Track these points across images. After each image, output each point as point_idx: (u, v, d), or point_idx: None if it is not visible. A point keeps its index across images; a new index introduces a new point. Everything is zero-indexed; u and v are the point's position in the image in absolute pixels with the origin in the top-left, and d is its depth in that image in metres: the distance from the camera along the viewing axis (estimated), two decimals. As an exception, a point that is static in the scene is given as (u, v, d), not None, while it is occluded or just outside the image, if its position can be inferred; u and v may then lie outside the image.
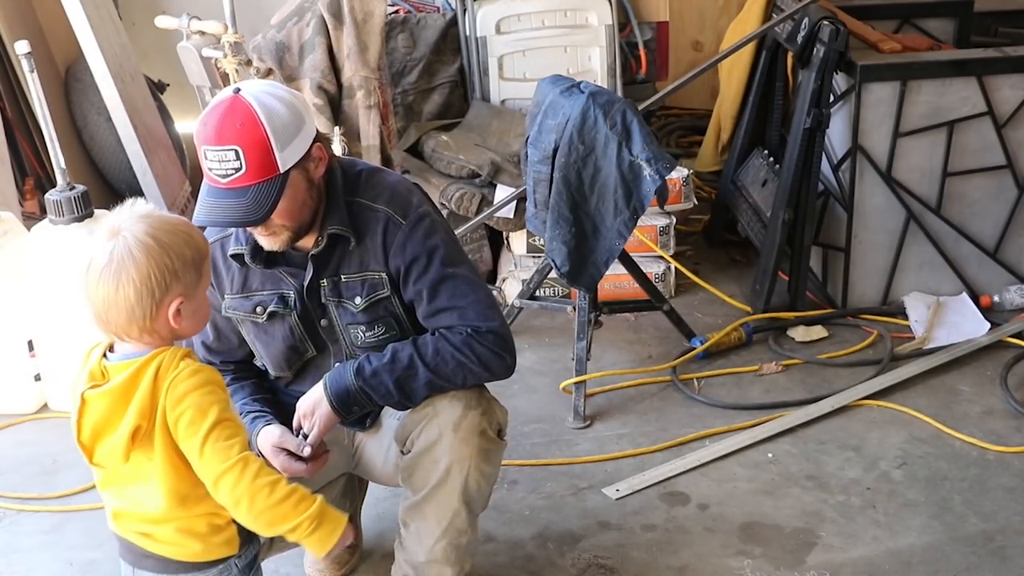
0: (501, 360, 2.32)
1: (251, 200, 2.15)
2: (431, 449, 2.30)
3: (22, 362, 3.50)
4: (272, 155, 2.15)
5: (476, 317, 2.29)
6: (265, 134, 2.14)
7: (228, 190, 2.15)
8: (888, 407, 3.39)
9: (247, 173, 2.13)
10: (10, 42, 4.34)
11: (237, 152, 2.12)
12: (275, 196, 2.17)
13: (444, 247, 2.32)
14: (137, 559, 2.01)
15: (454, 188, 4.00)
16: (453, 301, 2.30)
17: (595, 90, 3.28)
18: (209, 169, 2.15)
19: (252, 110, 2.14)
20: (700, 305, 4.07)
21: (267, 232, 2.24)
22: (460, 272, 2.32)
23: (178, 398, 1.84)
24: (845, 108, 3.80)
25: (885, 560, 2.77)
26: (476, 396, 2.34)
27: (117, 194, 4.72)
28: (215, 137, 2.13)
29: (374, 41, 3.92)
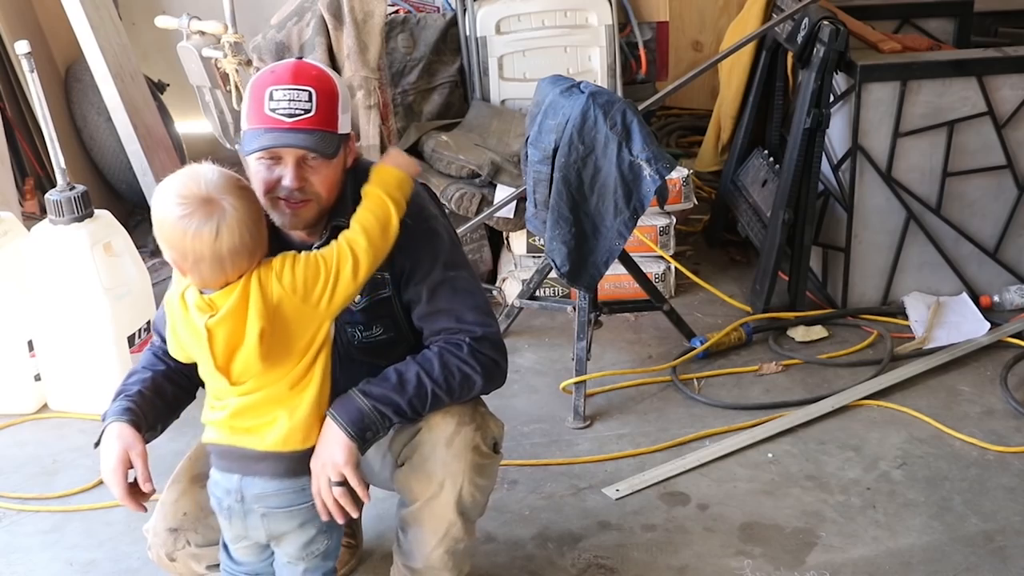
0: (498, 368, 2.29)
1: (318, 138, 2.11)
2: (424, 463, 2.29)
3: (22, 362, 3.50)
4: (337, 111, 2.14)
5: (473, 321, 2.27)
6: (336, 90, 2.15)
7: (292, 129, 2.10)
8: (888, 407, 3.39)
9: (315, 116, 2.11)
10: (10, 42, 4.34)
11: (311, 94, 2.10)
12: (336, 146, 2.15)
13: (448, 250, 2.31)
14: (248, 466, 2.14)
15: (454, 188, 4.00)
16: (451, 303, 2.28)
17: (595, 90, 3.28)
18: (273, 110, 2.10)
19: (322, 68, 2.17)
20: (700, 305, 4.07)
21: (301, 198, 2.16)
22: (461, 275, 2.31)
23: (291, 279, 2.09)
24: (845, 108, 3.80)
25: (885, 560, 2.77)
26: (470, 412, 2.32)
27: (117, 194, 4.72)
28: (290, 76, 2.11)
29: (374, 41, 3.92)
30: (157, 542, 2.35)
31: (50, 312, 3.40)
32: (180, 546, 2.33)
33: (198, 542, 2.33)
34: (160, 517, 2.36)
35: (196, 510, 2.33)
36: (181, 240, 2.03)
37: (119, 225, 3.52)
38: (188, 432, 3.34)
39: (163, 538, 2.34)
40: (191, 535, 2.33)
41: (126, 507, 2.21)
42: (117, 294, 3.40)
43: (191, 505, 2.34)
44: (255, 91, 2.15)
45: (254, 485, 2.16)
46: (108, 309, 3.38)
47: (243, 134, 2.17)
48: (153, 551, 2.36)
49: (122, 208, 4.61)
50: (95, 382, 3.45)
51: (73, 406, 3.50)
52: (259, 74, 2.17)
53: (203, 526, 2.33)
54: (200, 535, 2.33)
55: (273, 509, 2.18)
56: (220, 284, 2.07)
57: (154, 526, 2.36)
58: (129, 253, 3.52)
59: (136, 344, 3.47)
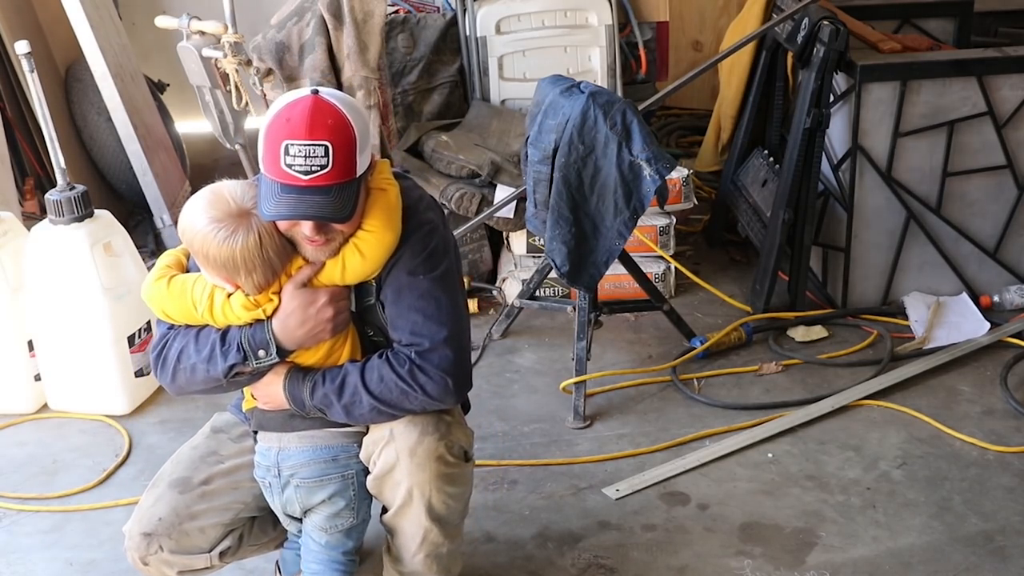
0: (444, 385, 2.24)
1: (334, 198, 2.09)
2: (391, 472, 2.29)
3: (22, 362, 3.50)
4: (355, 158, 2.11)
5: (425, 332, 2.23)
6: (353, 135, 2.11)
7: (309, 187, 2.08)
8: (888, 407, 3.39)
9: (332, 171, 2.08)
10: (10, 42, 4.34)
11: (327, 148, 2.07)
12: (353, 199, 2.13)
13: (426, 256, 2.25)
14: (287, 423, 2.33)
15: (454, 188, 4.00)
16: (409, 310, 2.24)
17: (595, 90, 3.28)
18: (288, 165, 2.07)
19: (339, 110, 2.11)
20: (700, 305, 4.07)
21: (326, 239, 2.17)
22: (429, 280, 2.25)
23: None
24: (845, 108, 3.80)
25: (885, 560, 2.77)
26: (434, 421, 2.29)
27: (117, 194, 4.72)
28: (306, 131, 2.06)
29: (374, 41, 3.92)
30: (131, 545, 2.33)
31: (50, 312, 3.40)
32: (153, 551, 2.31)
33: (171, 548, 2.31)
34: (136, 520, 2.34)
35: (172, 516, 2.32)
36: (231, 257, 2.13)
37: (119, 225, 3.52)
38: (188, 432, 3.34)
39: (136, 542, 2.32)
40: (164, 540, 2.30)
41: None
42: (117, 294, 3.40)
43: (166, 510, 2.32)
44: (270, 140, 2.10)
45: (289, 457, 2.32)
46: (108, 309, 3.38)
47: (260, 179, 2.15)
48: (128, 554, 2.35)
49: (122, 208, 4.60)
50: (95, 382, 3.45)
51: (73, 406, 3.50)
52: (275, 117, 2.11)
53: (177, 532, 2.31)
54: (174, 541, 2.31)
55: (306, 480, 2.32)
56: (269, 286, 2.20)
57: (130, 529, 2.34)
58: (129, 253, 3.52)
59: (136, 344, 3.47)
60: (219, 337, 2.23)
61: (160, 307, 2.29)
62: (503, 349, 3.83)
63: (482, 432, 3.34)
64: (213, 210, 2.15)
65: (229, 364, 2.22)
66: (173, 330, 2.30)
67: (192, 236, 2.16)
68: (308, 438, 2.33)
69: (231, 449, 2.45)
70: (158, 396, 3.56)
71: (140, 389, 3.52)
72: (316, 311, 2.21)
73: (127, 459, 3.28)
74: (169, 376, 2.31)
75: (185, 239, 2.19)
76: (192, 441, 2.50)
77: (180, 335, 2.29)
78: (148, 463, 3.24)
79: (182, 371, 2.28)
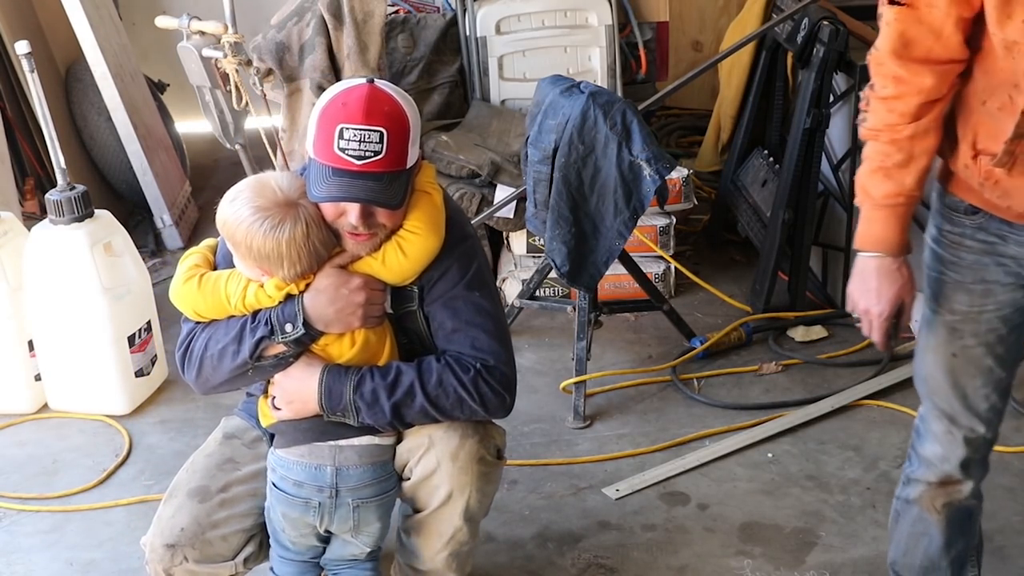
0: (502, 401, 2.25)
1: (386, 185, 2.08)
2: (430, 477, 2.28)
3: (22, 362, 3.50)
4: (407, 148, 2.10)
5: (488, 350, 2.23)
6: (408, 124, 2.10)
7: (362, 172, 2.06)
8: (888, 407, 3.39)
9: (385, 158, 2.07)
10: (10, 42, 4.34)
11: (382, 135, 2.06)
12: (403, 190, 2.12)
13: (475, 271, 2.26)
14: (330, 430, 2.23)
15: (454, 188, 4.00)
16: (470, 326, 2.24)
17: (595, 90, 3.29)
18: (342, 149, 2.05)
19: (395, 99, 2.10)
20: (700, 305, 4.07)
21: (369, 232, 2.15)
22: (484, 297, 2.26)
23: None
24: (845, 108, 3.80)
25: (885, 560, 2.76)
26: (472, 423, 2.28)
27: (117, 194, 4.73)
28: (363, 115, 2.05)
29: (374, 41, 3.92)
30: (154, 557, 2.29)
31: (50, 312, 3.40)
32: (177, 562, 2.28)
33: (195, 558, 2.28)
34: (157, 532, 2.31)
35: (194, 526, 2.28)
36: (276, 248, 2.08)
37: (119, 225, 3.52)
38: (188, 432, 3.36)
39: (160, 554, 2.28)
40: (188, 551, 2.27)
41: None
42: (117, 294, 3.40)
43: (188, 520, 2.29)
44: (325, 122, 2.08)
45: (351, 477, 2.23)
46: (108, 309, 3.38)
47: (310, 162, 2.13)
48: (150, 566, 2.31)
49: (122, 208, 4.61)
50: (95, 382, 3.45)
51: (73, 406, 3.50)
52: (330, 101, 2.10)
53: (200, 542, 2.28)
54: (198, 551, 2.28)
55: (366, 500, 2.26)
56: (308, 277, 2.16)
57: (151, 541, 2.31)
58: (129, 253, 3.52)
59: (136, 344, 3.47)
60: (249, 317, 2.19)
61: (192, 306, 2.24)
62: (503, 349, 3.82)
63: (482, 432, 3.34)
64: (260, 199, 2.10)
65: (257, 339, 2.16)
66: (200, 326, 2.27)
67: (236, 226, 2.10)
68: (367, 454, 2.26)
69: (246, 455, 2.41)
70: (158, 396, 3.57)
71: (140, 389, 3.52)
72: (348, 292, 2.16)
73: (127, 459, 3.28)
74: (195, 368, 2.26)
75: (226, 230, 2.13)
76: (205, 448, 2.45)
77: (207, 328, 2.25)
78: (148, 463, 3.24)
79: (208, 359, 2.23)
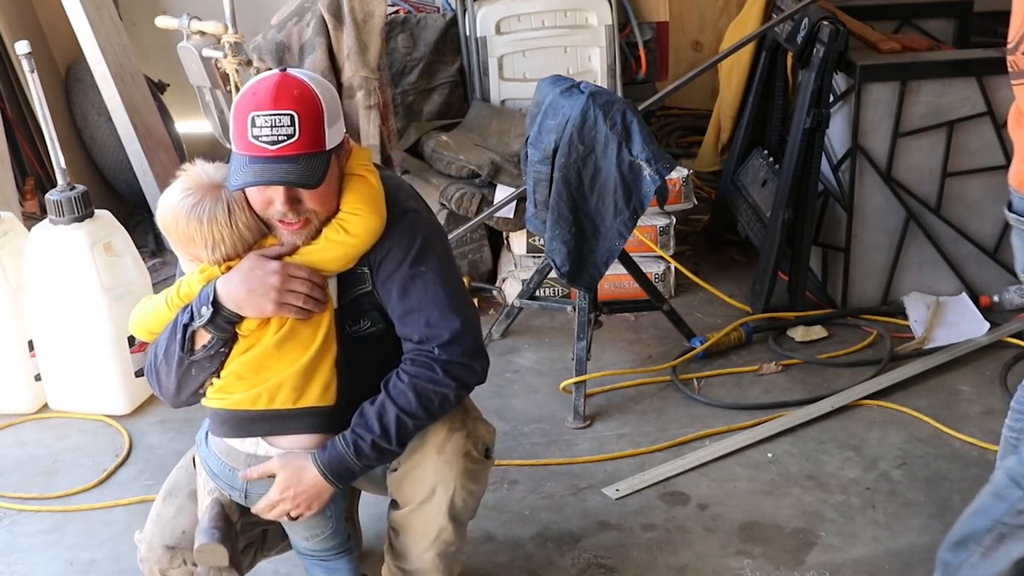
0: (472, 372, 2.26)
1: (303, 167, 2.09)
2: (416, 469, 2.28)
3: (22, 362, 3.50)
4: (323, 128, 2.11)
5: (443, 324, 2.22)
6: (320, 105, 2.11)
7: (277, 157, 2.08)
8: (888, 407, 3.39)
9: (299, 141, 2.08)
10: (10, 42, 4.34)
11: (292, 118, 2.08)
12: (323, 169, 2.12)
13: (420, 244, 2.24)
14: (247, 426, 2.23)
15: (454, 188, 4.00)
16: (421, 303, 2.23)
17: (595, 90, 3.29)
18: (255, 137, 2.09)
19: (305, 83, 2.13)
20: (700, 305, 4.07)
21: (300, 219, 2.16)
22: (431, 269, 2.25)
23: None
24: (845, 108, 3.80)
25: (885, 560, 2.77)
26: (460, 418, 2.29)
27: (117, 194, 4.72)
28: (271, 101, 2.08)
29: (374, 41, 3.92)
30: (151, 557, 2.28)
31: (50, 312, 3.40)
32: (176, 564, 2.27)
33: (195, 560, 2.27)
34: (156, 532, 2.30)
35: (195, 528, 2.27)
36: (198, 227, 2.12)
37: (119, 225, 3.52)
38: (188, 432, 3.35)
39: (158, 554, 2.27)
40: (188, 554, 2.25)
41: None
42: (117, 294, 3.40)
43: (190, 523, 2.28)
44: (238, 115, 2.13)
45: (260, 486, 2.23)
46: (108, 309, 3.38)
47: (231, 157, 2.16)
48: (145, 565, 2.30)
49: (122, 208, 4.60)
50: (95, 382, 3.45)
51: (73, 406, 3.50)
52: (242, 96, 2.15)
53: None
54: None
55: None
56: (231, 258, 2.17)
57: (149, 539, 2.30)
58: (129, 253, 3.52)
59: (136, 344, 3.47)
60: (181, 311, 2.21)
61: (144, 326, 2.28)
62: (503, 349, 3.83)
63: (482, 432, 3.34)
64: (187, 183, 2.18)
65: (182, 327, 2.17)
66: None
67: (164, 211, 2.16)
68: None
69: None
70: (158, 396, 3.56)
71: (140, 389, 3.51)
72: (263, 273, 2.14)
73: (127, 459, 3.28)
74: (155, 379, 2.28)
75: (160, 218, 2.19)
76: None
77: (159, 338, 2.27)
78: (148, 463, 3.24)
79: (161, 366, 2.24)
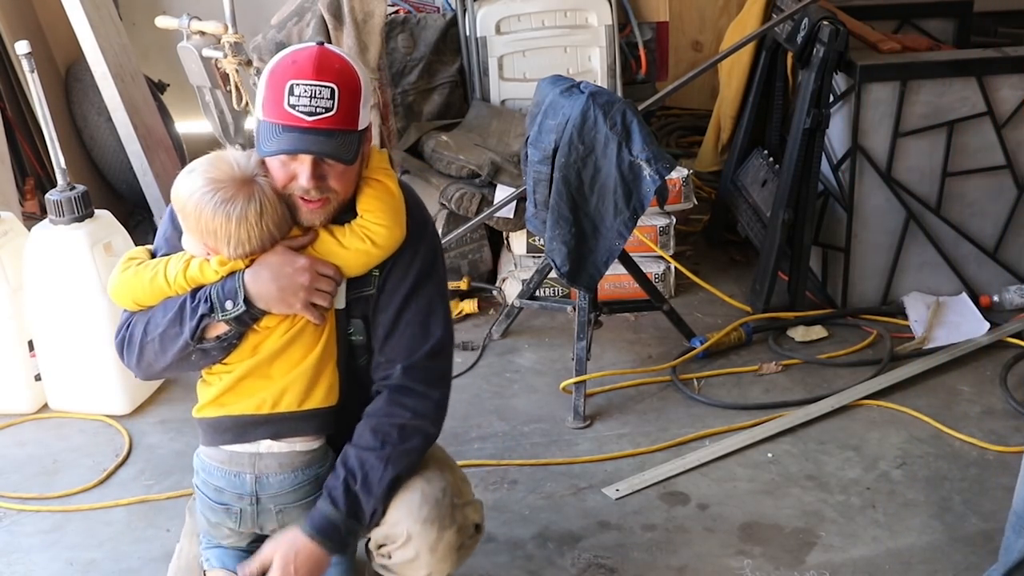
0: (427, 401, 2.20)
1: (337, 142, 2.02)
2: (410, 563, 2.23)
3: (22, 362, 3.50)
4: (359, 107, 2.05)
5: (408, 350, 2.19)
6: (359, 83, 2.06)
7: (312, 129, 2.01)
8: (888, 407, 3.39)
9: (336, 116, 2.01)
10: (10, 42, 4.34)
11: (333, 91, 2.01)
12: (356, 148, 2.06)
13: (432, 257, 2.22)
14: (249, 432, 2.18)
15: (454, 188, 4.00)
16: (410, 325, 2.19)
17: (595, 90, 3.29)
18: (292, 106, 2.00)
19: (345, 59, 2.07)
20: (700, 305, 4.07)
21: (320, 197, 2.08)
22: (435, 285, 2.22)
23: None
24: (845, 108, 3.80)
25: (885, 560, 2.77)
26: (449, 512, 2.22)
27: (117, 194, 4.72)
28: (313, 71, 2.00)
29: (374, 41, 3.92)
30: None
31: (50, 312, 3.40)
32: None
33: None
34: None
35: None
36: (225, 224, 2.03)
37: (119, 225, 3.51)
38: (188, 432, 3.35)
39: None
40: None
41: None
42: (117, 294, 3.40)
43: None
44: (274, 80, 2.04)
45: (270, 485, 2.19)
46: (108, 309, 3.37)
47: (258, 124, 2.08)
48: None
49: (122, 208, 4.60)
50: (95, 382, 3.45)
51: (73, 406, 3.50)
52: (279, 61, 2.06)
53: None
54: None
55: (289, 505, 2.21)
56: (254, 254, 2.10)
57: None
58: (129, 253, 3.51)
59: (136, 344, 3.47)
60: (190, 295, 2.11)
61: (131, 296, 2.16)
62: (503, 349, 3.83)
63: (482, 432, 3.34)
64: (215, 171, 2.05)
65: (198, 317, 2.08)
66: (137, 314, 2.19)
67: (187, 198, 2.05)
68: (288, 461, 2.20)
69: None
70: (158, 396, 3.56)
71: (140, 389, 3.51)
72: (292, 271, 2.09)
73: (127, 459, 3.27)
74: (136, 353, 2.18)
75: (178, 202, 2.08)
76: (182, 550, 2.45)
77: (144, 313, 2.18)
78: (148, 463, 3.24)
79: (150, 344, 2.15)
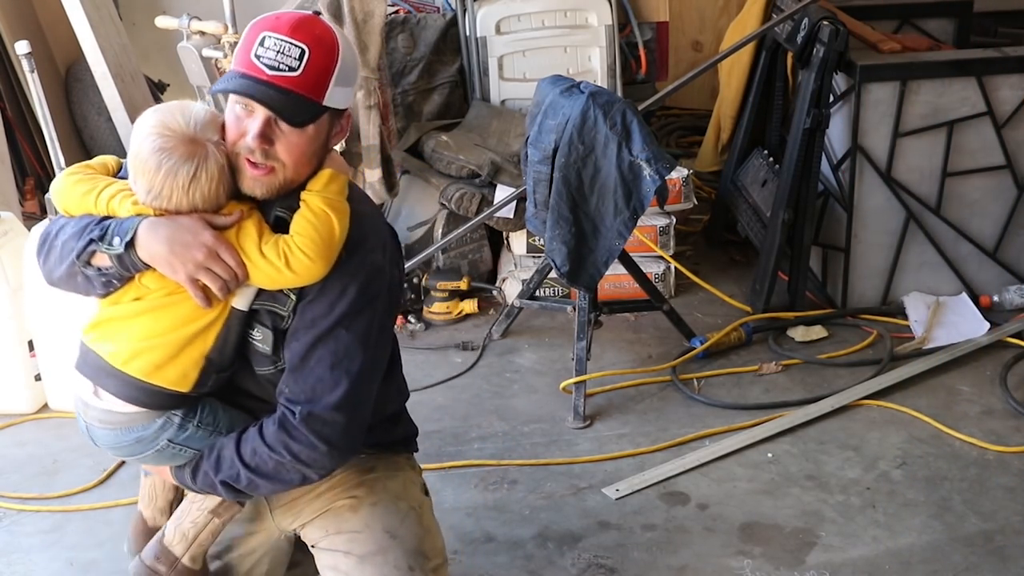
0: (315, 452, 2.01)
1: (291, 102, 1.92)
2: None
3: (22, 362, 3.50)
4: (328, 80, 1.95)
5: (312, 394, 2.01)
6: (336, 56, 1.97)
7: (269, 82, 1.91)
8: (888, 407, 3.39)
9: (299, 78, 1.92)
10: (10, 42, 4.34)
11: (304, 52, 1.93)
12: (310, 117, 1.94)
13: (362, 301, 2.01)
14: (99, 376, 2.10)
15: (454, 188, 4.01)
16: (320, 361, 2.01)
17: (595, 90, 3.29)
18: (258, 56, 1.92)
19: (332, 31, 1.99)
20: (700, 305, 4.07)
21: (264, 162, 1.95)
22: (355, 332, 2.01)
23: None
24: (845, 108, 3.80)
25: (885, 560, 2.77)
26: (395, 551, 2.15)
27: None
28: (289, 28, 1.93)
29: (374, 41, 3.92)
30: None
31: (50, 312, 3.40)
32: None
33: None
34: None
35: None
36: (154, 173, 1.94)
37: (119, 225, 3.51)
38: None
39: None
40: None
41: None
42: (117, 294, 3.40)
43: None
44: (251, 31, 1.97)
45: (98, 436, 2.14)
46: (108, 309, 3.37)
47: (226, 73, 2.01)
48: None
49: (122, 208, 4.60)
50: (95, 382, 3.45)
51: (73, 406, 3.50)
52: (265, 16, 2.00)
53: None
54: None
55: (131, 457, 2.17)
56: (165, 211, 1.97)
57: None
58: (129, 253, 3.51)
59: (136, 344, 3.47)
60: (96, 218, 2.02)
61: (63, 201, 2.07)
62: (503, 349, 3.83)
63: (482, 432, 3.34)
64: (171, 118, 1.96)
65: (88, 239, 1.98)
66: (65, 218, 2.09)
67: (135, 131, 1.98)
68: (107, 418, 2.10)
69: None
70: (158, 396, 3.56)
71: (140, 389, 3.51)
72: (192, 241, 1.94)
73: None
74: (45, 253, 2.09)
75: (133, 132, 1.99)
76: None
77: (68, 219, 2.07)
78: (148, 463, 3.24)
79: (55, 248, 2.06)
